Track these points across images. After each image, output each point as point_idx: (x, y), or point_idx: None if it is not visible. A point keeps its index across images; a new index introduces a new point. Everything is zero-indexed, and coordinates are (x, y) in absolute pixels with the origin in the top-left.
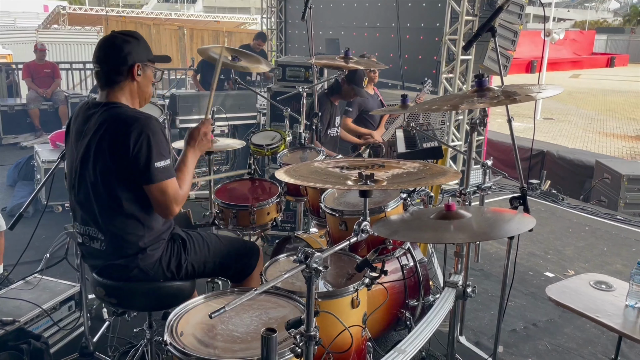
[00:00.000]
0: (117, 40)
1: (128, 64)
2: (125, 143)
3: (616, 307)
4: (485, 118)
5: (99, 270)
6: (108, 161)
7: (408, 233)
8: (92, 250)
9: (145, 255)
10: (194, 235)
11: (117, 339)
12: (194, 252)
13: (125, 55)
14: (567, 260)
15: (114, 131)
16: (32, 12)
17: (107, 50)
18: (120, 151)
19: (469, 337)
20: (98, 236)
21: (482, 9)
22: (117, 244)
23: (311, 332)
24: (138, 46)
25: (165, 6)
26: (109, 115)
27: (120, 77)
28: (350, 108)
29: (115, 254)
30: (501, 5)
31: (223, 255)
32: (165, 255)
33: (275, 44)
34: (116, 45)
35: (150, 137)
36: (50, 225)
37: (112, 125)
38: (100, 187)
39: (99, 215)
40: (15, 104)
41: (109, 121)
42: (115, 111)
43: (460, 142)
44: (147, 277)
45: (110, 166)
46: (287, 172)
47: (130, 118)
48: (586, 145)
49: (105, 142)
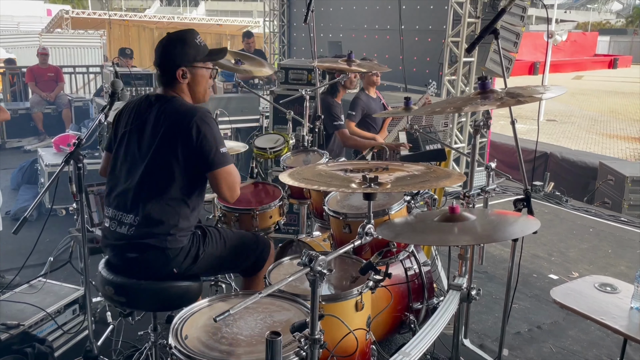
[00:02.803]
0: (165, 44)
1: (172, 69)
2: (187, 133)
3: (621, 310)
4: (488, 120)
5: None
6: (169, 151)
7: (412, 235)
8: (117, 235)
9: (174, 238)
10: (212, 230)
11: (121, 343)
12: (211, 245)
13: (168, 60)
14: (572, 262)
15: (174, 122)
16: (36, 16)
17: (157, 55)
18: (184, 141)
19: (473, 340)
20: (129, 221)
21: (484, 11)
22: (150, 226)
23: (316, 336)
24: (183, 49)
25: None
26: (168, 107)
27: (170, 79)
28: (354, 112)
29: (146, 234)
30: (504, 8)
31: (237, 250)
32: (187, 244)
33: (278, 47)
34: (164, 50)
35: (211, 126)
36: (54, 229)
37: (172, 116)
38: (156, 173)
39: (144, 199)
40: (19, 107)
41: (168, 113)
42: (174, 103)
43: (464, 144)
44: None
45: (171, 155)
46: (291, 175)
47: (189, 110)
48: (589, 147)
49: (166, 133)
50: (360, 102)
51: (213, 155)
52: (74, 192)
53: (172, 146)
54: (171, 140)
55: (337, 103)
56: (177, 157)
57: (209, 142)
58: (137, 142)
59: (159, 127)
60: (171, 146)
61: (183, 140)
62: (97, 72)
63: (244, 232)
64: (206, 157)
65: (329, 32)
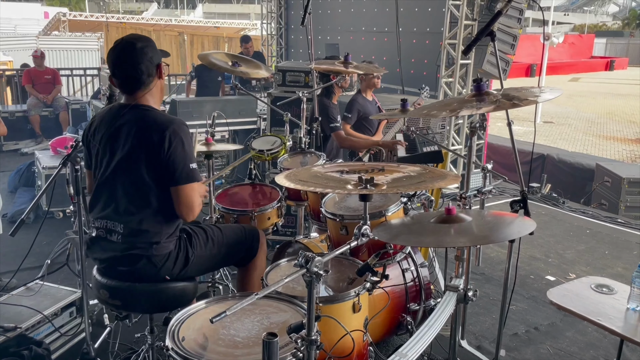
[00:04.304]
0: (137, 44)
1: (155, 64)
2: (159, 144)
3: (617, 310)
4: (484, 122)
5: (105, 265)
6: (141, 162)
7: (409, 237)
8: (105, 243)
9: (160, 246)
10: (197, 230)
11: (118, 345)
12: (200, 246)
13: (151, 56)
14: (568, 263)
15: (148, 132)
16: (33, 18)
17: (134, 54)
18: (155, 151)
19: (470, 341)
20: (117, 229)
21: (481, 14)
22: (135, 236)
23: (312, 337)
24: (153, 47)
25: (165, 12)
26: (141, 116)
27: (151, 78)
28: (350, 114)
29: (131, 245)
30: (500, 10)
31: (228, 245)
32: (174, 249)
33: (275, 49)
34: (141, 49)
35: (184, 139)
36: (51, 232)
37: (145, 126)
38: (132, 184)
39: (125, 211)
40: (16, 110)
41: (141, 122)
42: (147, 114)
43: (461, 145)
44: (153, 271)
45: (143, 166)
46: (288, 176)
47: (163, 121)
48: (586, 149)
49: (139, 143)
50: (356, 104)
51: (180, 170)
52: (71, 194)
53: (144, 157)
54: (143, 150)
55: (334, 105)
56: (149, 168)
57: (178, 156)
58: (111, 154)
59: (131, 138)
60: (143, 157)
61: (154, 151)
62: (95, 75)
63: (231, 225)
64: (173, 171)
65: (326, 35)
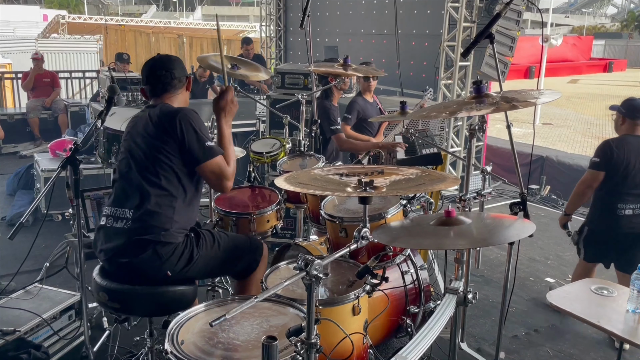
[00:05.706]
0: (172, 57)
1: (185, 74)
2: (173, 130)
3: (617, 313)
4: (484, 124)
5: (107, 258)
6: (159, 147)
7: (408, 239)
8: (112, 231)
9: (169, 233)
10: (205, 232)
11: (117, 348)
12: (205, 248)
13: (183, 67)
14: (568, 265)
15: (160, 121)
16: (32, 21)
17: (169, 62)
18: (171, 137)
19: (470, 343)
20: (125, 215)
21: (480, 16)
22: (146, 218)
23: (312, 340)
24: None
25: (164, 14)
26: (158, 109)
27: (180, 84)
28: (350, 115)
29: (140, 228)
30: (499, 12)
31: (231, 252)
32: (181, 244)
33: (274, 52)
34: (175, 59)
35: (193, 122)
36: (50, 234)
37: (159, 116)
38: (148, 170)
39: (138, 195)
40: (15, 112)
41: (158, 114)
42: (161, 106)
43: (460, 148)
44: (156, 263)
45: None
46: (287, 179)
47: (174, 110)
48: (585, 150)
49: (155, 132)
50: (356, 106)
51: (198, 150)
52: (71, 197)
53: (161, 143)
54: (160, 137)
55: (335, 107)
56: (166, 153)
57: (193, 137)
58: (134, 143)
59: (149, 127)
60: (161, 143)
61: (170, 137)
62: (94, 77)
63: (238, 235)
64: (191, 152)
65: (325, 37)
